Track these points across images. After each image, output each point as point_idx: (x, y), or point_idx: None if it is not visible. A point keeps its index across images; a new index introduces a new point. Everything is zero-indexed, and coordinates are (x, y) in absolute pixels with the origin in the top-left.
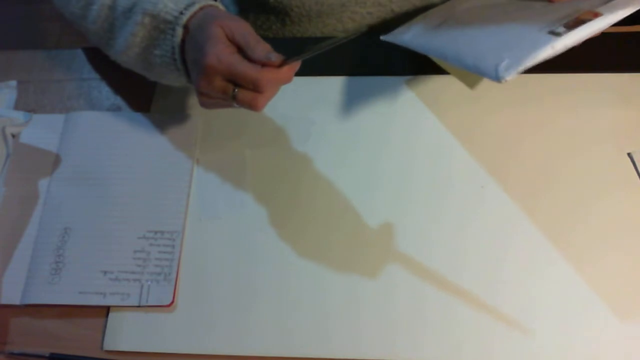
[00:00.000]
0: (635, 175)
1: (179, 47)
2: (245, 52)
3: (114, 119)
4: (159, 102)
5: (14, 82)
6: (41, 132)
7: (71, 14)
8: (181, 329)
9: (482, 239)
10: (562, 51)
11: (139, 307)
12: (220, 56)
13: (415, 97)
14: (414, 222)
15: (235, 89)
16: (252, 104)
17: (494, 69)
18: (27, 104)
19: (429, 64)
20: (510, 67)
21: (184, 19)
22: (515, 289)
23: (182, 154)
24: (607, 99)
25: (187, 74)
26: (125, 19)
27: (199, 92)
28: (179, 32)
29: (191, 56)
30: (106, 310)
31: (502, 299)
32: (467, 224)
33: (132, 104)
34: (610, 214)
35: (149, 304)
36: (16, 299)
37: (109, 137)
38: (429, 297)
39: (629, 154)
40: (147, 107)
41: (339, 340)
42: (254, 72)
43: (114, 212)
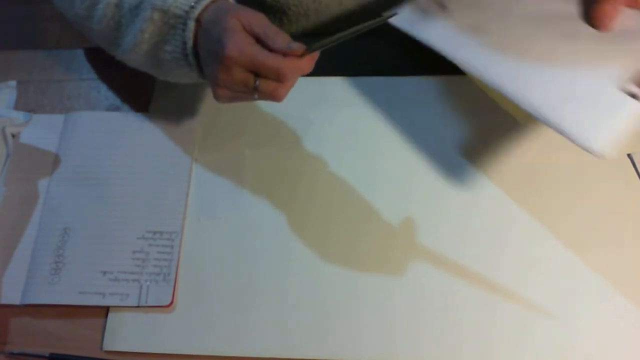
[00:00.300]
0: (635, 176)
1: (191, 41)
2: (265, 42)
3: (113, 119)
4: (158, 102)
5: (13, 82)
6: (41, 132)
7: (75, 16)
8: (180, 329)
9: (483, 238)
10: None
11: (138, 307)
12: (241, 47)
13: (415, 97)
14: (414, 223)
15: (256, 80)
16: (274, 94)
17: (590, 144)
18: (27, 104)
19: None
20: (603, 140)
21: (196, 13)
22: (516, 289)
23: (181, 154)
24: None
25: (199, 69)
26: (132, 16)
27: (217, 85)
28: (191, 26)
29: (207, 50)
30: (106, 310)
31: (502, 299)
32: (467, 223)
33: (131, 104)
34: (610, 214)
35: (148, 304)
36: (16, 299)
37: (108, 137)
38: (429, 297)
39: (628, 155)
40: (147, 107)
41: (339, 340)
42: (277, 61)
43: (114, 212)
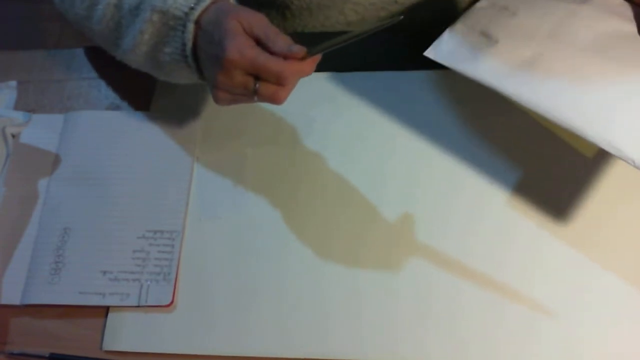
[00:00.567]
0: None
1: (190, 43)
2: (265, 45)
3: (113, 119)
4: (159, 101)
5: (13, 82)
6: (41, 132)
7: (75, 15)
8: (181, 329)
9: (489, 237)
10: None
11: (139, 307)
12: (242, 50)
13: (420, 92)
14: (418, 221)
15: (256, 82)
16: (275, 97)
17: None
18: (27, 104)
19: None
20: None
21: (195, 15)
22: (521, 289)
23: (182, 153)
24: None
25: (199, 71)
26: (132, 16)
27: (217, 87)
28: (190, 28)
29: (207, 52)
30: (106, 310)
31: (508, 298)
32: (473, 222)
33: (131, 103)
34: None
35: (149, 304)
36: (16, 299)
37: (108, 136)
38: (432, 296)
39: None
40: (147, 107)
41: (340, 340)
42: (278, 64)
43: (114, 212)
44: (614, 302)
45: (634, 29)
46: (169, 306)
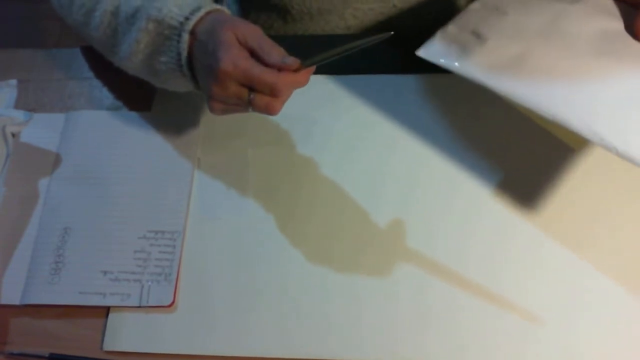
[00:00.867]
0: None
1: (185, 53)
2: (259, 56)
3: (114, 119)
4: (160, 101)
5: (14, 81)
6: (41, 131)
7: (74, 21)
8: (181, 330)
9: (487, 240)
10: None
11: (139, 307)
12: (236, 61)
13: (421, 95)
14: (418, 223)
15: (251, 94)
16: (269, 108)
17: None
18: (27, 103)
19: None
20: None
21: (191, 25)
22: (520, 290)
23: (184, 153)
24: None
25: (194, 81)
26: (128, 25)
27: (212, 98)
28: (185, 38)
29: (202, 62)
30: (106, 310)
31: (507, 300)
32: (472, 224)
33: (133, 103)
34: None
35: (149, 304)
36: (16, 299)
37: (109, 136)
38: (431, 298)
39: None
40: (148, 107)
41: (340, 340)
42: (272, 76)
43: (115, 212)
44: (612, 304)
45: (622, 26)
46: (169, 306)
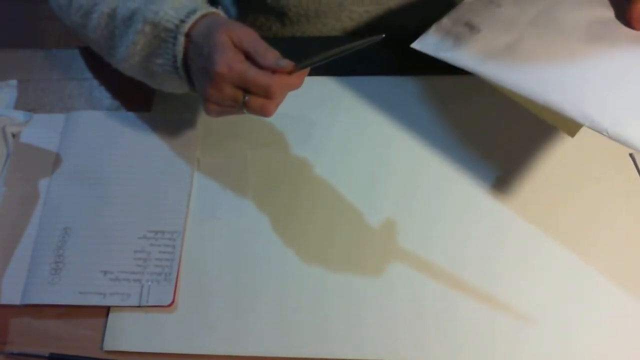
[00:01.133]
0: (636, 175)
1: (181, 55)
2: (254, 58)
3: (114, 119)
4: (160, 101)
5: (14, 82)
6: (41, 131)
7: (72, 23)
8: (181, 329)
9: (484, 239)
10: None
11: (139, 307)
12: (231, 64)
13: (417, 96)
14: (415, 223)
15: (245, 96)
16: (263, 110)
17: None
18: (27, 104)
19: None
20: None
21: (186, 27)
22: (517, 290)
23: (183, 154)
24: None
25: (190, 83)
26: (125, 27)
27: (207, 100)
28: (181, 40)
29: (197, 65)
30: (106, 310)
31: (504, 299)
32: (468, 224)
33: (133, 103)
34: (611, 214)
35: (149, 304)
36: (16, 299)
37: (109, 136)
38: (429, 297)
39: (630, 155)
40: (148, 107)
41: (340, 340)
42: (266, 78)
43: (115, 212)
44: (609, 304)
45: (613, 15)
46: (169, 306)
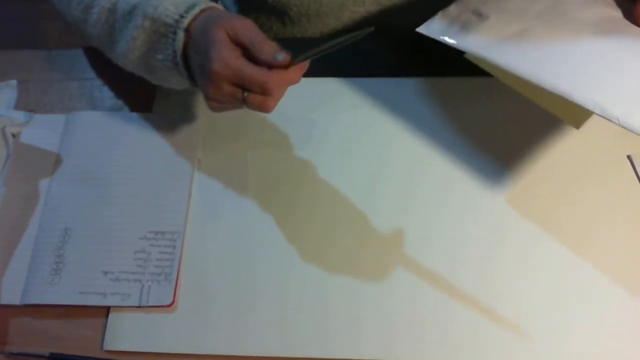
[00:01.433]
0: (634, 177)
1: (181, 51)
2: (251, 51)
3: (115, 119)
4: (161, 102)
5: (14, 82)
6: (42, 132)
7: (73, 17)
8: (181, 329)
9: (482, 242)
10: None
11: (139, 307)
12: (227, 61)
13: (418, 97)
14: (415, 223)
15: (244, 92)
16: (263, 106)
17: None
18: (27, 104)
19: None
20: None
21: (185, 22)
22: (515, 291)
23: (184, 154)
24: None
25: (191, 78)
26: (125, 22)
27: (207, 97)
28: (180, 35)
29: (196, 61)
30: (106, 310)
31: (501, 301)
32: (467, 226)
33: (133, 104)
34: (609, 216)
35: (150, 304)
36: (16, 299)
37: (110, 137)
38: (428, 298)
39: (628, 157)
40: (149, 107)
41: (339, 340)
42: (262, 75)
43: (115, 213)
44: (607, 306)
45: (621, 14)
46: (169, 306)
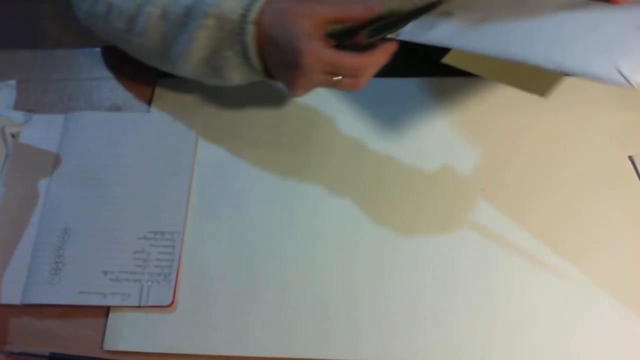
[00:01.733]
0: (636, 178)
1: (253, 44)
2: (340, 21)
3: (114, 119)
4: (159, 102)
5: (13, 82)
6: (41, 132)
7: (112, 30)
8: (181, 329)
9: (482, 242)
10: None
11: (139, 307)
12: (318, 53)
13: (421, 98)
14: (414, 224)
15: (335, 77)
16: (354, 87)
17: (620, 74)
18: (26, 104)
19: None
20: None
21: (253, 16)
22: (514, 291)
23: (182, 154)
24: (609, 100)
25: (266, 72)
26: (181, 25)
27: (295, 87)
28: (250, 29)
29: (276, 57)
30: (106, 310)
31: (501, 301)
32: (468, 225)
33: (132, 104)
34: (611, 217)
35: (149, 304)
36: (16, 299)
37: (109, 137)
38: (427, 298)
39: (630, 157)
40: (148, 108)
41: (339, 341)
42: (354, 62)
43: (114, 213)
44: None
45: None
46: (169, 306)
